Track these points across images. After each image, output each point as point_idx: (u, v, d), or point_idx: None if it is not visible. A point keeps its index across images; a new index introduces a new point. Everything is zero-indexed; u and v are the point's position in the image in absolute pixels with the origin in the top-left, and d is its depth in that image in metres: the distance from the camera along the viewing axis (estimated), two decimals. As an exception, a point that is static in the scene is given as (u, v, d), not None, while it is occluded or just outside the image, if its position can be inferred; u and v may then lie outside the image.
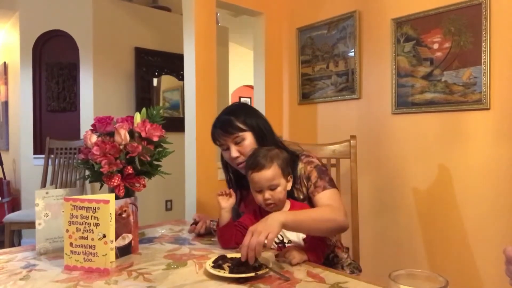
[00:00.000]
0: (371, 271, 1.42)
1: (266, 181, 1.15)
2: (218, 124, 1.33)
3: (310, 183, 1.25)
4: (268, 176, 1.15)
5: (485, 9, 1.84)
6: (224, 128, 1.29)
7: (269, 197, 1.15)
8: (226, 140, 1.30)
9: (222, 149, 1.35)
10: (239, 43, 6.05)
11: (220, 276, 0.92)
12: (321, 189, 1.22)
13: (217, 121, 1.34)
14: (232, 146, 1.29)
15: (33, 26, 3.48)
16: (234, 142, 1.29)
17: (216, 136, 1.33)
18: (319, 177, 1.24)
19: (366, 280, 0.92)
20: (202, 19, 2.45)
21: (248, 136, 1.29)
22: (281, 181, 1.16)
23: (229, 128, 1.29)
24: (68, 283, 0.91)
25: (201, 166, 2.43)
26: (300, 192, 1.27)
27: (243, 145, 1.29)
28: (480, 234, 1.91)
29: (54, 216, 1.17)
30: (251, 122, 1.31)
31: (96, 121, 1.22)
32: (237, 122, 1.29)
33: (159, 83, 3.86)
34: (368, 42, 2.36)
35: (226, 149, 1.32)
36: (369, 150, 2.31)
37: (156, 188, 3.49)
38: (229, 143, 1.30)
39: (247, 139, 1.29)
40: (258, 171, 1.15)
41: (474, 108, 1.90)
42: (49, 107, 3.50)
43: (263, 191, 1.16)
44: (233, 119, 1.30)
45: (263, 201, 1.16)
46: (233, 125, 1.29)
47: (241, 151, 1.29)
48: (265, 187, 1.15)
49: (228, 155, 1.31)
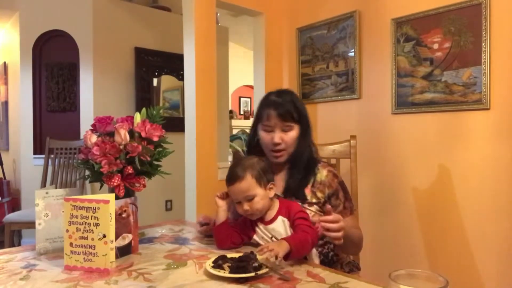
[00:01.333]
0: (371, 271, 1.42)
1: (241, 193, 1.15)
2: (276, 106, 1.28)
3: (339, 201, 1.30)
4: (242, 188, 1.15)
5: (485, 9, 1.84)
6: (282, 113, 1.27)
7: (248, 208, 1.15)
8: (276, 124, 1.28)
9: (262, 128, 1.31)
10: (239, 43, 6.04)
11: (220, 276, 0.92)
12: (349, 212, 1.31)
13: (275, 102, 1.29)
14: (278, 132, 1.28)
15: (33, 26, 3.48)
16: (282, 129, 1.28)
17: (267, 115, 1.29)
18: (346, 198, 1.32)
19: (366, 280, 0.92)
20: (202, 19, 2.45)
21: (296, 128, 1.30)
22: (257, 192, 1.15)
23: (287, 115, 1.27)
24: (68, 283, 0.91)
25: (201, 166, 2.43)
26: (314, 197, 1.29)
27: (288, 135, 1.28)
28: (480, 234, 1.91)
29: (54, 216, 1.17)
30: (304, 117, 1.32)
31: (96, 121, 1.22)
32: (295, 112, 1.28)
33: (159, 83, 3.86)
34: (368, 42, 2.36)
35: (269, 130, 1.30)
36: (369, 150, 2.31)
37: (156, 188, 3.49)
38: (277, 128, 1.28)
39: (294, 130, 1.29)
40: (232, 184, 1.16)
41: (474, 108, 1.90)
42: (49, 107, 3.50)
43: (242, 203, 1.16)
44: (293, 108, 1.28)
45: (243, 212, 1.17)
46: (291, 114, 1.28)
47: (284, 140, 1.28)
48: (242, 199, 1.16)
49: (269, 137, 1.29)
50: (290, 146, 1.30)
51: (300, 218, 1.15)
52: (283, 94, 1.33)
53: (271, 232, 1.17)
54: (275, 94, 1.33)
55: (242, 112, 7.01)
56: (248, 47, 5.68)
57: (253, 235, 1.22)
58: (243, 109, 7.07)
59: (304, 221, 1.15)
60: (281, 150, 1.29)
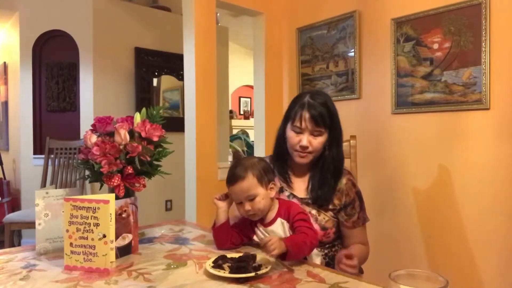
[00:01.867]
0: (371, 271, 1.42)
1: (242, 193, 1.14)
2: (309, 108, 1.25)
3: (354, 210, 1.30)
4: (243, 188, 1.14)
5: (485, 9, 1.84)
6: (315, 117, 1.24)
7: (249, 208, 1.15)
8: (307, 126, 1.25)
9: (292, 128, 1.29)
10: (239, 43, 6.05)
11: (220, 276, 0.92)
12: (361, 222, 1.32)
13: (310, 105, 1.25)
14: (307, 135, 1.26)
15: (33, 26, 3.48)
16: (311, 133, 1.26)
17: (299, 117, 1.25)
18: (361, 208, 1.33)
19: (366, 280, 0.92)
20: (202, 19, 2.45)
21: (325, 134, 1.27)
22: (258, 191, 1.15)
23: (319, 119, 1.24)
24: (68, 283, 0.91)
25: (201, 166, 2.43)
26: (331, 203, 1.29)
27: (317, 139, 1.26)
28: (480, 233, 1.91)
29: (54, 216, 1.17)
30: (337, 124, 1.30)
31: (96, 121, 1.22)
32: (328, 118, 1.26)
33: (159, 83, 3.86)
34: (368, 42, 2.36)
35: (298, 132, 1.27)
36: (369, 150, 2.31)
37: (156, 188, 3.49)
38: (307, 131, 1.26)
39: (323, 136, 1.27)
40: (233, 184, 1.15)
41: (474, 108, 1.90)
42: (49, 107, 3.50)
43: (243, 203, 1.16)
44: (327, 113, 1.26)
45: (244, 212, 1.16)
46: (324, 120, 1.25)
47: (312, 144, 1.26)
48: (243, 199, 1.15)
49: (297, 138, 1.27)
50: (316, 150, 1.28)
51: (299, 220, 1.15)
52: (318, 97, 1.28)
53: (270, 234, 1.17)
54: (309, 95, 1.29)
55: (242, 112, 7.02)
56: (248, 47, 5.68)
57: (252, 236, 1.22)
58: (243, 109, 7.07)
59: (303, 222, 1.15)
60: (306, 152, 1.27)
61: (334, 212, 1.30)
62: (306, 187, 1.32)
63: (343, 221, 1.30)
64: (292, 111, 1.29)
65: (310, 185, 1.32)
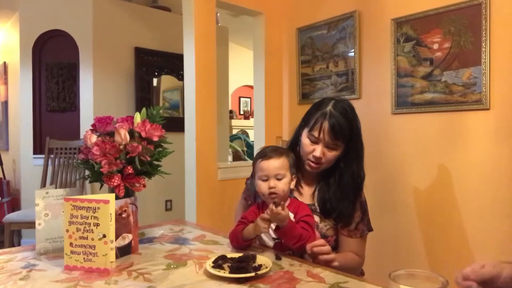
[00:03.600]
0: (371, 271, 1.42)
1: (274, 169, 1.17)
2: (332, 120, 1.20)
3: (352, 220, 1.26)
4: (276, 164, 1.17)
5: (485, 9, 1.84)
6: (335, 130, 1.19)
7: (274, 185, 1.16)
8: (324, 137, 1.21)
9: (308, 135, 1.24)
10: (239, 43, 6.04)
11: (220, 276, 0.92)
12: (358, 234, 1.27)
13: (331, 115, 1.21)
14: (322, 146, 1.22)
15: (33, 26, 3.48)
16: (327, 145, 1.22)
17: (319, 126, 1.21)
18: (361, 219, 1.28)
19: (366, 280, 0.92)
20: (202, 19, 2.45)
21: (340, 148, 1.24)
22: (287, 174, 1.19)
23: (339, 133, 1.20)
24: (68, 283, 0.91)
25: (201, 166, 2.43)
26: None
27: (331, 152, 1.23)
28: (480, 233, 1.91)
29: (54, 216, 1.17)
30: (356, 140, 1.26)
31: (96, 121, 1.22)
32: (347, 132, 1.22)
33: (159, 83, 3.86)
34: (368, 42, 2.36)
35: (314, 141, 1.23)
36: (369, 150, 2.27)
37: (156, 188, 3.49)
38: (323, 142, 1.22)
39: (338, 150, 1.24)
40: (267, 159, 1.18)
41: (474, 108, 1.90)
42: (49, 107, 3.50)
43: (269, 179, 1.17)
44: (348, 127, 1.22)
45: (267, 189, 1.17)
46: (344, 134, 1.21)
47: (326, 156, 1.23)
48: (272, 176, 1.17)
49: (311, 148, 1.23)
50: (329, 162, 1.25)
51: (304, 222, 1.15)
52: (341, 107, 1.23)
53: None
54: (332, 104, 1.23)
55: (242, 112, 7.01)
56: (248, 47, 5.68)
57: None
58: (243, 109, 7.06)
59: (306, 225, 1.15)
60: (318, 164, 1.25)
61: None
62: (312, 193, 1.31)
63: (339, 227, 1.28)
64: (312, 118, 1.24)
65: (318, 194, 1.29)
